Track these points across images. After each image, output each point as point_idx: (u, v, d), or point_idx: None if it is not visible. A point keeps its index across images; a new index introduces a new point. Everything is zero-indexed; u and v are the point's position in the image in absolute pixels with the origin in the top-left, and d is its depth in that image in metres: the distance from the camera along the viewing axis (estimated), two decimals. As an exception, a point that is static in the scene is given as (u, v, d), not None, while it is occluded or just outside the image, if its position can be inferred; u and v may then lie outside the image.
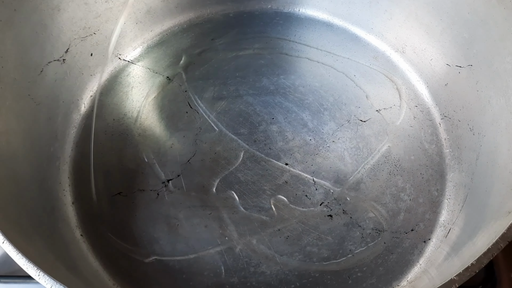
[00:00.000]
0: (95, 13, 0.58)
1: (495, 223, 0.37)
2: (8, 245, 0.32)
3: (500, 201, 0.40)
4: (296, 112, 0.60)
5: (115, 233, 0.52)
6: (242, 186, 0.55)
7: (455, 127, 0.56)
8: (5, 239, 0.32)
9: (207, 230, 0.52)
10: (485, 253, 0.31)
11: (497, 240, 0.31)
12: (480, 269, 0.31)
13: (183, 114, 0.61)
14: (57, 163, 0.55)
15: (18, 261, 0.32)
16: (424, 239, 0.51)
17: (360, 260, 0.50)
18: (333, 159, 0.57)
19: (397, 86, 0.62)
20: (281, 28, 0.68)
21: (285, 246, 0.51)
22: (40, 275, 0.31)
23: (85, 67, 0.60)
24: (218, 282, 0.49)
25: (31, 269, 0.31)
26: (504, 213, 0.36)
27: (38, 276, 0.31)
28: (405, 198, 0.54)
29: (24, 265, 0.31)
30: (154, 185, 0.55)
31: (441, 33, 0.56)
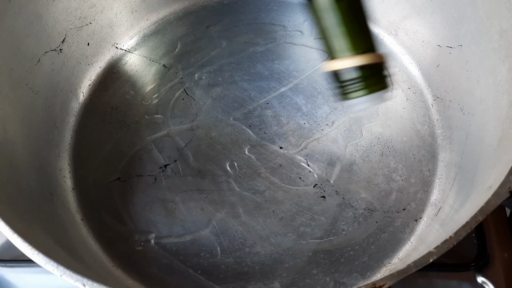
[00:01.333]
0: (90, 3, 0.59)
1: (477, 198, 0.37)
2: (3, 224, 0.33)
3: (483, 177, 0.41)
4: (291, 97, 0.61)
5: (114, 217, 0.54)
6: (237, 169, 0.56)
7: (447, 107, 0.56)
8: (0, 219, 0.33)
9: (203, 213, 0.54)
10: (463, 226, 0.32)
11: (475, 213, 0.32)
12: (458, 241, 0.32)
13: (179, 101, 0.62)
14: (56, 150, 0.56)
15: (14, 240, 0.33)
16: (415, 218, 0.52)
17: (352, 239, 0.51)
18: (326, 141, 0.58)
19: (390, 68, 0.62)
20: (275, 14, 0.69)
21: (279, 227, 0.52)
22: (34, 253, 0.32)
23: (82, 56, 0.61)
24: (214, 263, 0.51)
25: (26, 248, 0.33)
26: (486, 188, 0.36)
27: (33, 254, 0.32)
28: (397, 178, 0.55)
29: (19, 244, 0.33)
30: (151, 171, 0.57)
31: (432, 14, 0.56)
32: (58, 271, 0.32)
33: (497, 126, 0.43)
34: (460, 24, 0.52)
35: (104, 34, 0.63)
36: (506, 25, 0.43)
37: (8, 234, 0.33)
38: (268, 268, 0.50)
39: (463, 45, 0.52)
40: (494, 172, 0.37)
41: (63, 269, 0.32)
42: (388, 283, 0.30)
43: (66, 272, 0.32)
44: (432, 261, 0.31)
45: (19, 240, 0.33)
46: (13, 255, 0.56)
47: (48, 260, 0.32)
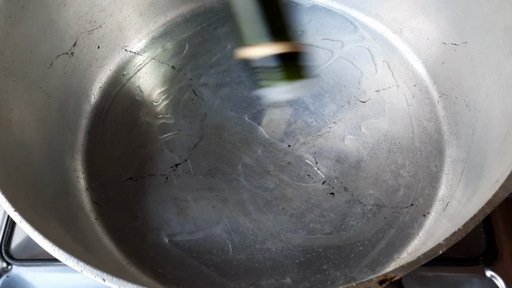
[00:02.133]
0: (99, 7, 0.60)
1: (485, 192, 0.38)
2: (25, 223, 0.34)
3: (490, 172, 0.41)
4: (298, 96, 0.62)
5: (128, 216, 0.55)
6: (247, 168, 0.57)
7: (453, 104, 0.57)
8: (22, 218, 0.34)
9: (214, 211, 0.55)
10: (471, 219, 0.33)
11: (483, 206, 0.33)
12: (466, 233, 0.33)
13: (188, 101, 0.63)
14: (70, 151, 0.57)
15: (35, 237, 0.34)
16: (423, 213, 0.53)
17: (362, 235, 0.52)
18: (334, 139, 0.59)
19: (395, 66, 0.63)
20: (281, 14, 0.70)
21: (289, 223, 0.53)
22: (55, 250, 0.33)
23: (93, 59, 0.62)
24: (226, 259, 0.52)
25: (47, 245, 0.34)
26: (493, 182, 0.37)
27: (54, 250, 0.33)
28: (404, 174, 0.56)
29: (40, 242, 0.34)
30: (163, 170, 0.58)
31: (436, 11, 0.57)
32: (79, 267, 0.33)
33: (502, 121, 0.43)
34: (465, 22, 0.53)
35: (114, 37, 0.64)
36: (511, 22, 0.44)
37: (29, 232, 0.34)
38: (279, 264, 0.51)
39: (468, 42, 0.53)
40: (500, 166, 0.38)
41: (83, 265, 0.33)
42: (399, 275, 0.31)
43: (86, 267, 0.33)
44: (441, 253, 0.32)
45: (40, 238, 0.34)
46: (29, 255, 0.57)
47: (68, 256, 0.33)
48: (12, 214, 0.35)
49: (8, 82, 0.47)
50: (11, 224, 0.59)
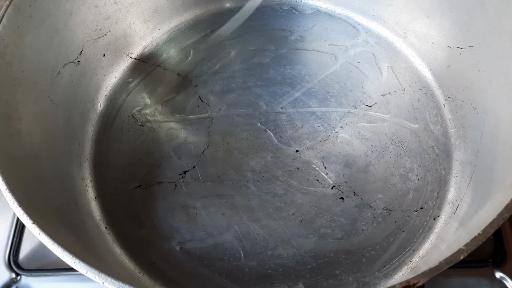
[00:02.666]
0: (105, 15, 0.60)
1: (499, 195, 0.38)
2: (43, 235, 0.34)
3: (503, 175, 0.42)
4: (304, 101, 0.62)
5: (138, 224, 0.55)
6: (255, 174, 0.57)
7: (459, 107, 0.57)
8: (40, 230, 0.34)
9: (224, 218, 0.55)
10: (491, 223, 0.33)
11: (501, 211, 0.33)
12: (486, 238, 0.33)
13: (194, 107, 0.63)
14: (77, 160, 0.57)
15: (54, 250, 0.34)
16: (433, 216, 0.53)
17: (373, 239, 0.52)
18: (341, 144, 0.59)
19: (400, 70, 0.64)
20: (285, 20, 0.70)
21: (300, 229, 0.54)
22: (76, 262, 0.33)
23: (98, 67, 0.62)
24: (238, 266, 0.52)
25: (67, 257, 0.34)
26: (507, 185, 0.38)
27: (74, 263, 0.33)
28: (413, 178, 0.56)
29: (60, 254, 0.34)
30: (171, 177, 0.58)
31: (441, 16, 0.58)
32: (100, 279, 0.33)
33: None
34: (470, 26, 0.53)
35: (119, 45, 0.64)
36: (518, 26, 0.45)
37: (48, 244, 0.34)
38: (291, 270, 0.51)
39: (473, 46, 0.53)
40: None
41: (105, 276, 0.33)
42: (422, 281, 0.31)
43: (107, 279, 0.33)
44: (462, 258, 0.32)
45: (60, 250, 0.34)
46: (37, 265, 0.57)
47: (89, 268, 0.33)
48: (30, 226, 0.35)
49: (18, 93, 0.47)
50: (19, 234, 0.58)
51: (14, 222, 0.59)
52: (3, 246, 0.58)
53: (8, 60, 0.46)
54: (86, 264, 0.33)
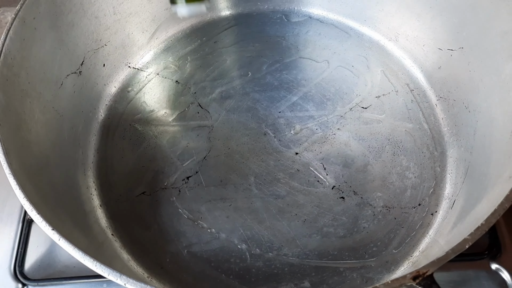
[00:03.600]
0: (105, 26, 0.62)
1: (497, 188, 0.40)
2: (63, 241, 0.35)
3: (499, 169, 0.44)
4: (301, 105, 0.64)
5: (144, 230, 0.56)
6: (257, 177, 0.59)
7: (451, 106, 0.60)
8: (61, 236, 0.35)
9: (229, 220, 0.56)
10: (493, 213, 0.35)
11: (502, 201, 0.35)
12: (489, 227, 0.35)
13: (195, 114, 0.64)
14: (82, 169, 0.58)
15: (75, 254, 0.35)
16: (431, 212, 0.55)
17: (374, 236, 0.54)
18: (339, 145, 0.61)
19: (393, 73, 0.66)
20: (279, 27, 0.72)
21: (303, 228, 0.55)
22: (97, 265, 0.34)
23: (98, 77, 0.63)
24: (245, 267, 0.53)
25: (88, 261, 0.35)
26: (505, 178, 0.40)
27: (95, 266, 0.34)
28: (410, 176, 0.58)
29: (81, 258, 0.35)
30: (175, 183, 0.59)
31: (432, 19, 0.60)
32: (122, 280, 0.34)
33: (506, 121, 0.46)
34: (461, 28, 0.56)
35: (118, 54, 0.65)
36: (507, 27, 0.47)
37: (69, 249, 0.35)
38: (297, 268, 0.53)
39: (464, 48, 0.56)
40: (510, 163, 0.41)
41: (126, 278, 0.34)
42: (431, 270, 0.32)
43: (129, 280, 0.34)
44: (467, 247, 0.34)
45: (80, 254, 0.35)
46: (43, 275, 0.57)
47: (111, 271, 0.34)
48: (50, 233, 0.36)
49: (25, 104, 0.48)
50: (23, 244, 0.59)
51: (18, 233, 0.60)
52: (9, 256, 0.58)
53: (16, 71, 0.47)
54: (107, 267, 0.34)
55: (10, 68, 0.46)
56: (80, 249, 0.35)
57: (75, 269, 0.57)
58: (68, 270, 0.58)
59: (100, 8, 0.60)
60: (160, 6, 0.68)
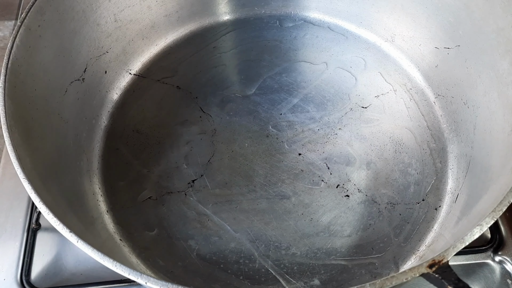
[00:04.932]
0: (106, 33, 0.62)
1: (502, 179, 0.41)
2: (82, 243, 0.35)
3: (502, 161, 0.45)
4: (302, 106, 0.65)
5: (151, 235, 0.56)
6: (261, 178, 0.59)
7: (449, 103, 0.61)
8: (79, 238, 0.35)
9: (236, 222, 0.56)
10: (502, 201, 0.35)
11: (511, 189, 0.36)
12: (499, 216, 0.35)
13: (197, 119, 0.65)
14: (87, 176, 0.58)
15: (95, 255, 0.35)
16: (435, 206, 0.56)
17: (380, 232, 0.55)
18: (342, 144, 0.62)
19: (390, 72, 0.67)
20: (277, 31, 0.73)
21: (310, 227, 0.56)
22: (117, 265, 0.34)
23: (101, 84, 0.63)
24: (254, 267, 0.53)
25: (108, 262, 0.35)
26: (509, 169, 0.41)
27: (115, 267, 0.34)
28: (412, 172, 0.59)
29: (101, 259, 0.35)
30: (180, 187, 0.59)
31: (427, 19, 0.62)
32: (142, 279, 0.34)
33: (506, 114, 0.47)
34: (456, 27, 0.57)
35: (119, 61, 0.66)
36: (503, 24, 0.49)
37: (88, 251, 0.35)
38: (305, 267, 0.53)
39: (460, 45, 0.57)
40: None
41: (147, 277, 0.34)
42: (446, 257, 0.33)
43: (150, 279, 0.34)
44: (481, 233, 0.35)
45: (100, 255, 0.35)
46: (50, 283, 0.57)
47: (131, 271, 0.34)
48: (67, 235, 0.36)
49: (32, 111, 0.48)
50: (29, 254, 0.58)
51: (24, 242, 0.60)
52: (15, 265, 0.58)
53: (23, 79, 0.47)
54: (127, 266, 0.35)
55: (17, 76, 0.47)
56: (99, 250, 0.35)
57: (82, 277, 0.57)
58: (75, 277, 0.57)
59: (101, 16, 0.61)
60: (160, 13, 0.68)
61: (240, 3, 0.73)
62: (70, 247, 0.59)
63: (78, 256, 0.58)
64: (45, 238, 0.60)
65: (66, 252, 0.59)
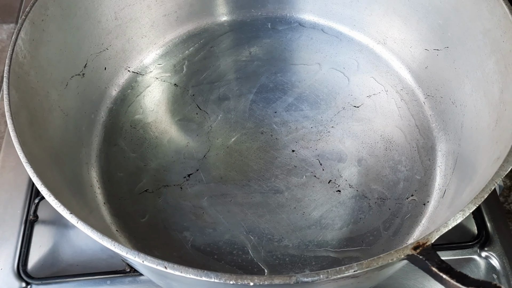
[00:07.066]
0: (107, 30, 0.64)
1: (488, 170, 0.43)
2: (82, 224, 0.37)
3: (487, 154, 0.47)
4: (296, 105, 0.67)
5: (147, 226, 0.57)
6: (256, 173, 0.61)
7: (438, 103, 0.63)
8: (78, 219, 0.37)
9: (230, 215, 0.58)
10: (484, 189, 0.37)
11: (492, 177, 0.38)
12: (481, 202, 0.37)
13: (193, 115, 0.66)
14: (86, 168, 0.60)
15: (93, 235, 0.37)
16: (423, 202, 0.58)
17: (370, 226, 0.57)
18: (334, 142, 0.63)
19: (382, 73, 0.69)
20: (273, 32, 0.75)
21: (302, 221, 0.57)
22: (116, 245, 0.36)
23: (100, 80, 0.65)
24: (247, 258, 0.55)
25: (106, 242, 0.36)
26: (493, 160, 0.43)
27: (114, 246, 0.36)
28: (402, 169, 0.61)
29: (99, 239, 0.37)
30: (176, 181, 0.61)
31: (418, 22, 0.64)
32: (140, 258, 0.35)
33: (491, 111, 0.49)
34: (445, 29, 0.59)
35: (118, 58, 0.67)
36: (489, 25, 0.51)
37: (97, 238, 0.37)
38: (297, 258, 0.55)
39: (449, 47, 0.59)
40: (498, 147, 0.44)
41: (144, 256, 0.35)
42: (430, 240, 0.35)
43: (147, 258, 0.35)
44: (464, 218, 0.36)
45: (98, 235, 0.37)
46: (47, 273, 0.58)
47: (129, 250, 0.36)
48: (68, 216, 0.37)
49: (35, 101, 0.50)
50: (26, 244, 0.60)
51: (21, 233, 0.61)
52: (12, 255, 0.59)
53: (26, 70, 0.49)
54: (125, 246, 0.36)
55: (21, 67, 0.48)
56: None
57: (78, 267, 0.59)
58: (71, 268, 0.59)
59: (103, 13, 0.62)
60: (159, 13, 0.70)
61: (238, 5, 0.75)
62: (67, 238, 0.61)
63: (74, 247, 0.60)
64: (42, 230, 0.61)
65: (63, 243, 0.60)
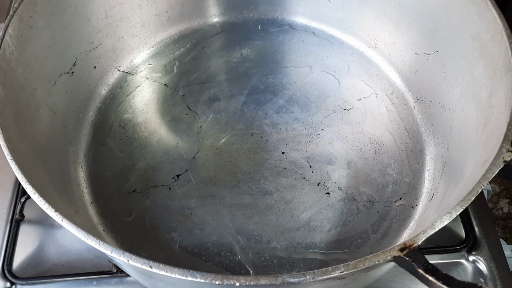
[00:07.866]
0: (97, 29, 0.63)
1: (476, 172, 0.43)
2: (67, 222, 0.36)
3: (475, 159, 0.47)
4: (286, 107, 0.67)
5: (135, 227, 0.57)
6: (245, 175, 0.61)
7: (428, 107, 0.63)
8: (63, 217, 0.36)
9: (218, 216, 0.58)
10: (471, 191, 0.37)
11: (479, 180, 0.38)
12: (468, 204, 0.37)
13: (183, 116, 0.66)
14: (73, 167, 0.59)
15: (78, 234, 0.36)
16: (412, 205, 0.58)
17: (359, 228, 0.57)
18: (324, 144, 0.63)
19: (372, 77, 0.69)
20: (264, 34, 0.75)
21: (291, 223, 0.57)
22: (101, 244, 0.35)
23: (89, 79, 0.64)
24: (235, 260, 0.54)
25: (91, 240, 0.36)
26: (481, 163, 0.43)
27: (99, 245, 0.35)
28: (391, 172, 0.61)
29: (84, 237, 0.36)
30: (165, 181, 0.60)
31: (408, 26, 0.64)
32: (125, 257, 0.35)
33: (479, 114, 0.50)
34: (435, 33, 0.60)
35: (108, 57, 0.67)
36: (478, 29, 0.51)
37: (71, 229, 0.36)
38: (285, 260, 0.54)
39: (439, 51, 0.60)
40: (485, 150, 0.44)
41: (129, 255, 0.35)
42: (417, 242, 0.35)
43: (132, 257, 0.35)
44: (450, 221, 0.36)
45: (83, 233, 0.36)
46: (32, 273, 0.58)
47: (113, 249, 0.35)
48: (52, 214, 0.37)
49: (22, 98, 0.49)
50: (12, 244, 0.59)
51: (7, 232, 0.60)
52: (-3, 255, 0.59)
53: (14, 66, 0.48)
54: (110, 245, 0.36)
55: (8, 63, 0.48)
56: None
57: (64, 268, 0.58)
58: (57, 268, 0.58)
59: (93, 11, 0.62)
60: (150, 12, 0.70)
61: (229, 6, 0.75)
62: (53, 238, 0.60)
63: (60, 247, 0.59)
64: (28, 229, 0.61)
65: (49, 243, 0.60)
